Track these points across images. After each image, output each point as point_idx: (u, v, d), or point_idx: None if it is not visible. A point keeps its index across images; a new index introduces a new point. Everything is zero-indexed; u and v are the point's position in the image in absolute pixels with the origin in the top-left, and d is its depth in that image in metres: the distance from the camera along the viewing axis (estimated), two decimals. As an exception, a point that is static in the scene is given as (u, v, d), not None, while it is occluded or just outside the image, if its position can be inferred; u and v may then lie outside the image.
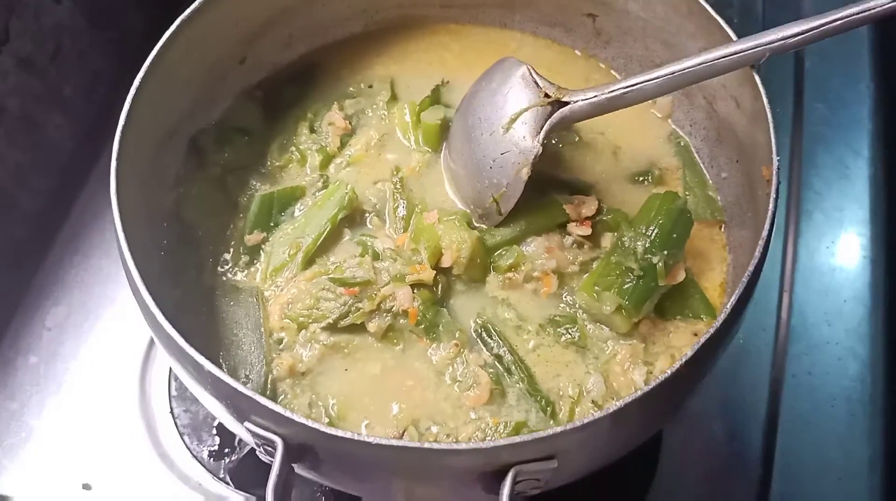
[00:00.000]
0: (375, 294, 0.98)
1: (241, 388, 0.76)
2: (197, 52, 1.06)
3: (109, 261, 1.35)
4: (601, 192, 1.11)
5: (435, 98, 1.18)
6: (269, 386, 0.96)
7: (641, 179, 1.14)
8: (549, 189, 1.08)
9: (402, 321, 0.98)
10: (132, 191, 0.94)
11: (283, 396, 0.96)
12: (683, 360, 0.77)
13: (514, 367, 0.97)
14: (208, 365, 0.77)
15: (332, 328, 0.99)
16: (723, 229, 1.11)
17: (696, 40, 1.07)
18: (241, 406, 0.78)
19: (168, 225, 1.06)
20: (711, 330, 0.79)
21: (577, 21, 1.22)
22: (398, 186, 1.09)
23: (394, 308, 0.98)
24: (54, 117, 1.40)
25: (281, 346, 0.99)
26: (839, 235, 1.38)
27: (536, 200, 1.06)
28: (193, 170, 1.11)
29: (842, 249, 1.36)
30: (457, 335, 0.99)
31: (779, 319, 1.29)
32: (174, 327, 0.81)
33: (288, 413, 0.74)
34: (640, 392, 0.75)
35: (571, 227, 1.04)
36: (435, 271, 1.00)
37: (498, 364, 0.97)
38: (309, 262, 1.04)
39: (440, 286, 1.02)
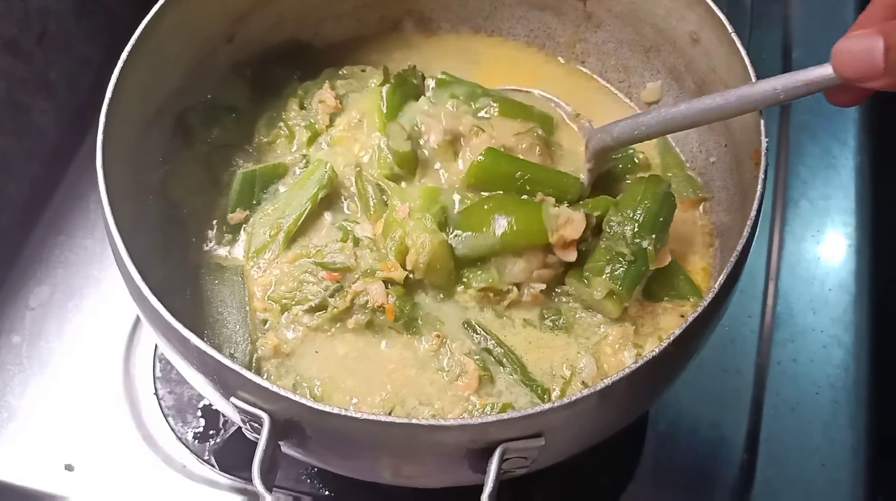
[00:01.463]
0: (348, 289, 0.97)
1: (227, 362, 0.75)
2: (185, 30, 1.05)
3: (94, 241, 1.34)
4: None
5: (401, 81, 1.15)
6: (253, 365, 0.95)
7: (621, 166, 1.14)
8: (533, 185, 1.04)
9: (380, 316, 0.97)
10: (118, 168, 0.93)
11: (267, 376, 0.95)
12: (671, 338, 0.77)
13: (505, 359, 0.96)
14: (194, 340, 0.77)
15: (315, 310, 0.98)
16: (703, 211, 1.12)
17: (686, 23, 1.07)
18: (227, 381, 0.78)
19: (153, 203, 1.05)
20: (699, 309, 0.79)
21: (568, 4, 1.21)
22: (358, 170, 1.06)
23: (368, 303, 0.97)
24: (39, 102, 1.38)
25: (266, 326, 0.98)
26: (825, 224, 1.39)
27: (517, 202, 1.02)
28: (180, 148, 1.10)
29: (827, 238, 1.37)
30: (437, 327, 0.98)
31: (764, 306, 1.30)
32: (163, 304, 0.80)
33: (275, 388, 0.74)
34: (627, 370, 0.75)
35: (556, 250, 0.98)
36: (406, 272, 0.98)
37: (489, 356, 0.97)
38: (290, 242, 1.03)
39: (411, 285, 1.00)
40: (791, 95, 0.82)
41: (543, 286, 1.00)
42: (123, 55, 0.94)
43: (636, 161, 1.14)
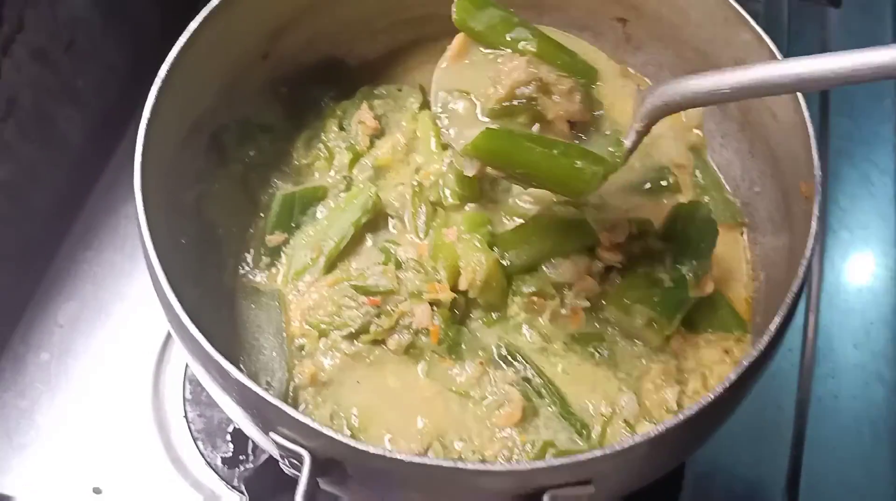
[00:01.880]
0: (393, 310, 0.96)
1: (269, 397, 0.73)
2: (221, 47, 1.03)
3: (123, 257, 1.32)
4: (616, 199, 1.09)
5: None
6: (290, 394, 0.94)
7: (652, 186, 1.12)
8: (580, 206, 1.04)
9: (423, 339, 0.96)
10: (154, 186, 0.91)
11: (304, 405, 0.94)
12: (726, 384, 0.74)
13: (544, 390, 0.94)
14: (235, 372, 0.75)
15: (354, 337, 0.96)
16: (744, 236, 1.10)
17: (731, 48, 1.04)
18: (267, 417, 0.76)
19: (189, 223, 1.03)
20: (755, 354, 0.77)
21: (607, 25, 1.19)
22: (417, 190, 1.06)
23: (413, 325, 0.95)
24: (66, 110, 1.37)
25: (303, 353, 0.97)
26: (865, 253, 1.36)
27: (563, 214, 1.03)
28: (215, 167, 1.08)
29: (868, 268, 1.34)
30: (480, 354, 0.96)
31: (805, 339, 1.27)
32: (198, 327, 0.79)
33: (317, 426, 0.72)
34: (681, 417, 0.72)
35: (601, 252, 0.99)
36: (454, 293, 0.97)
37: (528, 386, 0.95)
38: (331, 266, 1.02)
39: (460, 306, 0.99)
40: None
41: (587, 304, 0.98)
42: (161, 73, 0.93)
43: (666, 183, 1.12)
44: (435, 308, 0.97)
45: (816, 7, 1.61)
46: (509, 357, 0.97)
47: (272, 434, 0.76)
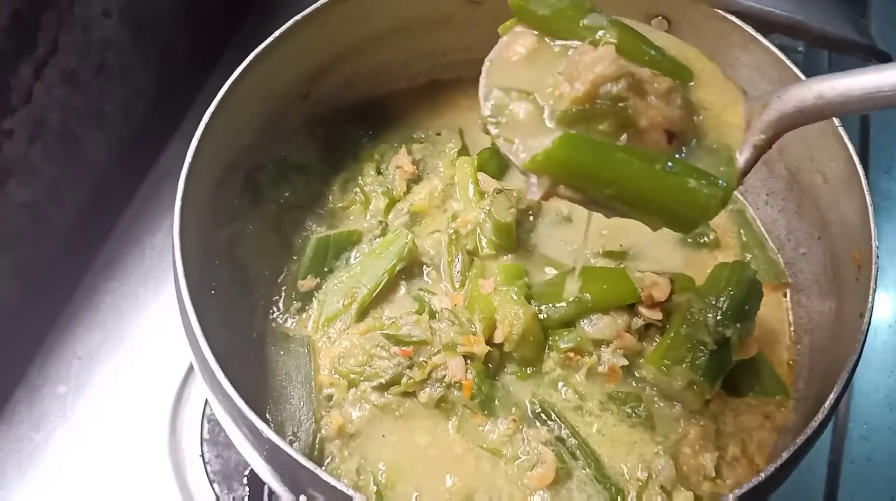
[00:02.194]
0: (426, 362, 0.93)
1: (302, 460, 0.71)
2: (263, 87, 1.02)
3: (146, 289, 1.30)
4: (655, 253, 1.08)
5: (496, 151, 1.13)
6: (316, 446, 0.91)
7: (691, 240, 1.10)
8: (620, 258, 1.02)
9: (455, 393, 0.93)
10: (187, 227, 0.89)
11: (330, 458, 0.91)
12: (776, 466, 0.72)
13: (578, 451, 0.91)
14: (267, 432, 0.72)
15: (384, 388, 0.94)
16: (787, 298, 1.07)
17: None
18: (298, 478, 0.73)
19: (220, 264, 1.02)
20: (804, 437, 0.74)
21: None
22: (454, 238, 1.04)
23: (445, 378, 0.93)
24: (92, 133, 1.36)
25: (330, 403, 0.94)
26: (904, 314, 1.33)
27: (604, 267, 1.02)
28: (249, 206, 1.07)
29: (906, 328, 1.31)
30: (513, 411, 0.93)
31: (848, 376, 1.24)
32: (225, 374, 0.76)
33: (350, 492, 0.69)
34: (731, 497, 0.69)
35: (641, 309, 0.96)
36: (489, 347, 0.95)
37: (561, 446, 0.92)
38: (363, 313, 1.00)
39: (494, 360, 0.96)
40: None
41: (625, 362, 0.95)
42: (205, 117, 0.91)
43: (706, 240, 1.09)
44: (469, 361, 0.94)
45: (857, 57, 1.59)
46: (543, 415, 0.94)
47: (302, 497, 0.73)
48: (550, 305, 0.97)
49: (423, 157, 1.12)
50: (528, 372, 0.97)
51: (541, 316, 0.96)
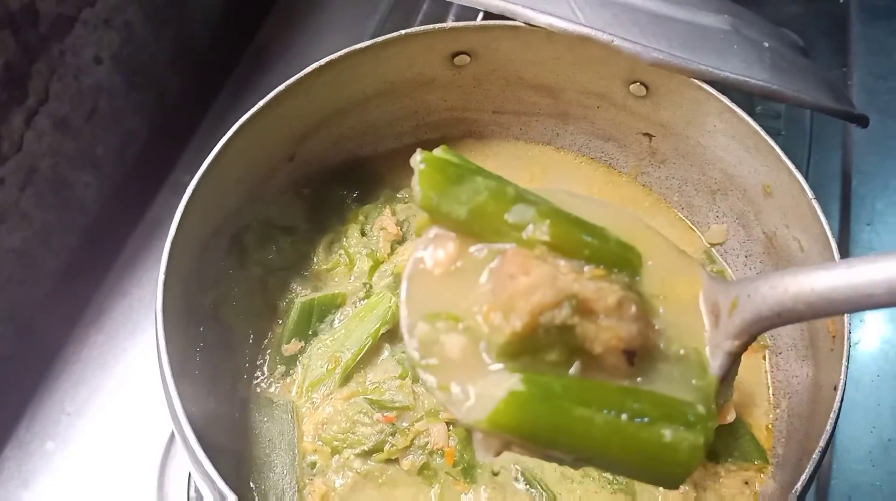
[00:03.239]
0: (409, 429, 0.94)
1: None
2: (249, 153, 1.03)
3: (133, 343, 1.31)
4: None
5: None
6: (299, 514, 0.92)
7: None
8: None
9: (437, 459, 0.94)
10: (172, 291, 0.90)
11: (313, 526, 0.92)
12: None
13: None
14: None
15: (367, 455, 0.95)
16: (766, 361, 1.08)
17: (759, 175, 1.04)
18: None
19: (205, 328, 1.03)
20: (781, 510, 0.75)
21: (633, 139, 1.19)
22: None
23: (428, 445, 0.94)
24: (84, 176, 1.38)
25: (314, 470, 0.95)
26: (884, 369, 1.34)
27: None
28: (235, 269, 1.08)
29: (886, 383, 1.32)
30: (497, 479, 0.95)
31: (821, 455, 1.24)
32: (205, 442, 0.78)
33: (329, 572, 0.70)
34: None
35: None
36: None
37: None
38: (347, 378, 1.01)
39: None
40: None
41: None
42: (191, 186, 0.93)
43: None
44: (451, 428, 0.95)
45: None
46: (527, 482, 0.95)
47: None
48: None
49: (407, 217, 1.14)
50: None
51: None
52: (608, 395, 0.56)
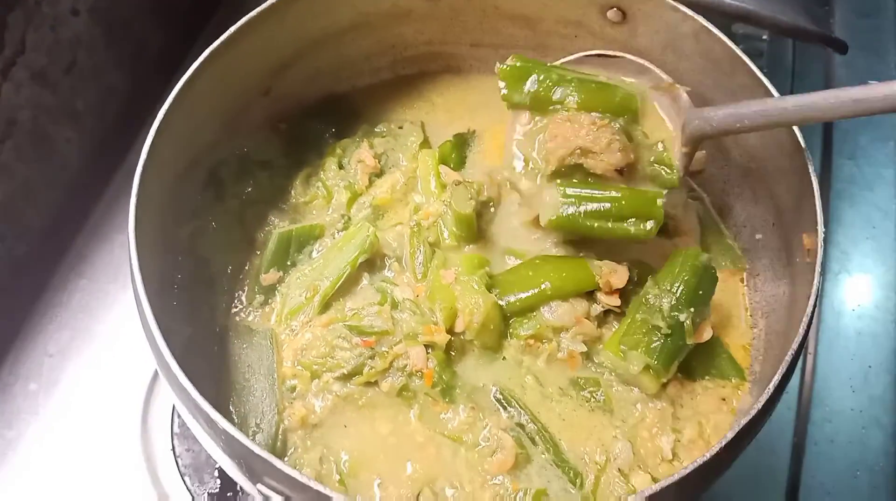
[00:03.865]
0: (387, 351, 0.95)
1: (256, 449, 0.72)
2: (222, 83, 1.03)
3: (116, 287, 1.31)
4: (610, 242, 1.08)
5: (458, 143, 1.15)
6: (279, 437, 0.92)
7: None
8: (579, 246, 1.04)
9: (416, 381, 0.95)
10: (149, 222, 0.91)
11: (293, 449, 0.92)
12: (723, 443, 0.73)
13: (537, 437, 0.93)
14: (223, 422, 0.74)
15: (346, 378, 0.95)
16: (744, 283, 1.09)
17: (735, 98, 1.03)
18: (254, 467, 0.74)
19: (183, 259, 1.03)
20: (753, 412, 0.76)
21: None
22: (416, 231, 1.05)
23: (407, 367, 0.94)
24: (65, 131, 1.37)
25: (293, 394, 0.95)
26: (866, 297, 1.34)
27: (564, 255, 1.04)
28: (211, 202, 1.08)
29: (868, 312, 1.33)
30: (474, 398, 0.95)
31: (802, 382, 1.26)
32: (184, 369, 0.77)
33: (305, 479, 0.71)
34: (677, 476, 0.71)
35: (600, 296, 0.99)
36: (450, 335, 0.97)
37: (521, 431, 0.94)
38: (326, 306, 1.01)
39: (455, 348, 0.98)
40: None
41: (584, 348, 0.98)
42: (161, 112, 0.92)
43: (665, 227, 1.11)
44: (430, 350, 0.96)
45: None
46: (504, 402, 0.96)
47: (259, 486, 0.74)
48: (511, 294, 0.99)
49: (384, 151, 1.13)
50: (489, 360, 0.98)
51: (501, 303, 0.98)
52: (604, 205, 0.96)
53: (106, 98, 1.44)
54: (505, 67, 1.00)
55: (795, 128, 0.94)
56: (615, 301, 0.99)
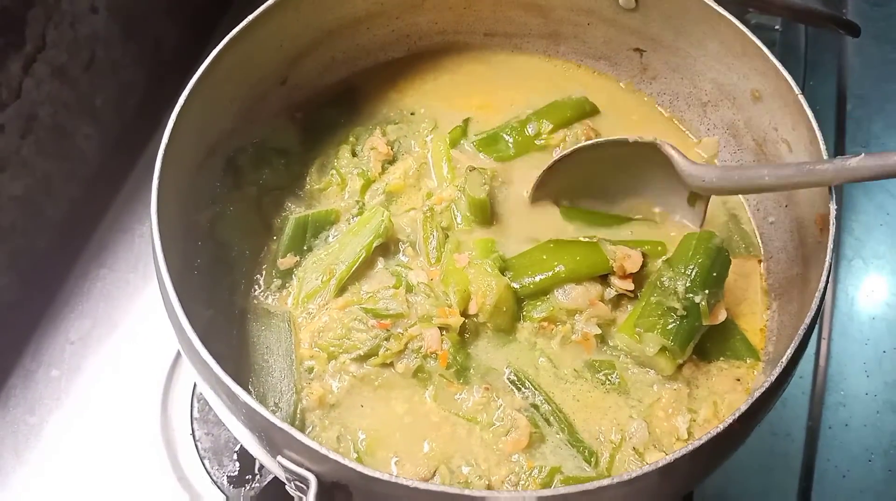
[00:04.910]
0: (402, 334, 0.96)
1: (277, 421, 0.73)
2: (240, 72, 1.05)
3: (136, 275, 1.33)
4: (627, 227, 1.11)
5: (467, 128, 1.17)
6: (298, 416, 0.93)
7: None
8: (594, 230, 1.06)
9: (431, 362, 0.96)
10: (169, 208, 0.92)
11: (311, 427, 0.94)
12: (736, 415, 0.74)
13: (552, 417, 0.94)
14: (244, 395, 0.75)
15: (363, 359, 0.97)
16: (762, 267, 1.09)
17: (748, 81, 1.05)
18: (275, 440, 0.76)
19: (203, 244, 1.04)
20: (765, 385, 0.76)
21: (624, 55, 1.20)
22: (429, 216, 1.06)
23: (422, 349, 0.95)
24: (83, 127, 1.39)
25: (311, 375, 0.97)
26: (879, 283, 1.35)
27: (577, 239, 1.05)
28: (230, 189, 1.09)
29: (881, 297, 1.33)
30: (488, 379, 0.96)
31: (816, 367, 1.26)
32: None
33: (324, 450, 0.72)
34: (690, 447, 0.72)
35: (614, 280, 1.00)
36: (464, 318, 0.98)
37: (536, 413, 0.94)
38: (342, 289, 1.02)
39: (469, 330, 0.99)
40: None
41: (598, 330, 0.98)
42: (181, 99, 0.94)
43: None
44: (444, 333, 0.97)
45: (833, 34, 1.61)
46: (518, 383, 0.97)
47: (279, 458, 0.76)
48: (525, 277, 1.00)
49: (397, 137, 1.14)
50: (503, 342, 0.99)
51: (515, 286, 0.99)
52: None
53: (124, 94, 1.46)
54: None
55: (807, 108, 0.94)
56: (629, 285, 1.00)
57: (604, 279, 1.01)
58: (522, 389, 0.96)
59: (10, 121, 1.22)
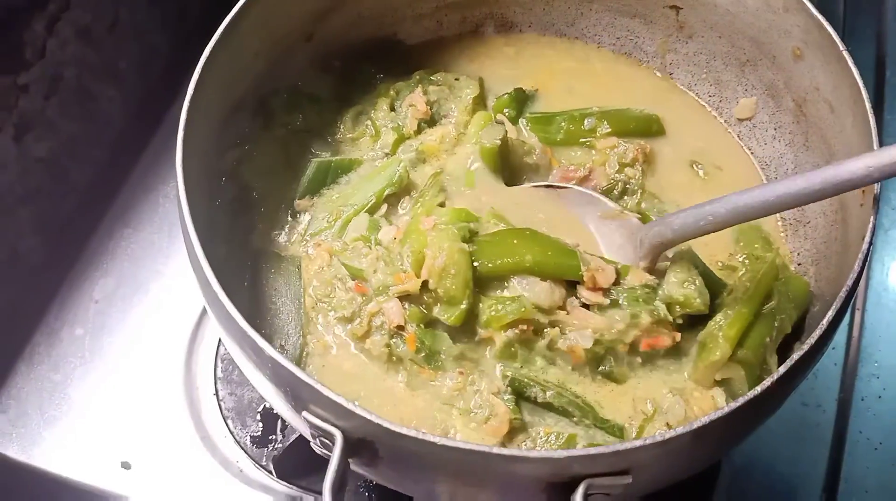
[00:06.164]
0: (363, 312, 0.91)
1: (303, 376, 0.72)
2: (264, 28, 1.02)
3: (161, 236, 1.33)
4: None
5: (516, 98, 1.14)
6: (303, 360, 0.92)
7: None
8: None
9: (401, 347, 0.90)
10: (196, 147, 0.90)
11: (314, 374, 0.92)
12: (775, 377, 0.72)
13: (572, 407, 0.88)
14: (270, 350, 0.74)
15: (346, 321, 0.93)
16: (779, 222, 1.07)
17: (789, 38, 1.01)
18: (301, 395, 0.74)
19: (226, 183, 1.03)
20: (805, 347, 0.74)
21: (660, 13, 1.16)
22: (438, 173, 1.04)
23: (384, 325, 0.90)
24: (108, 90, 1.38)
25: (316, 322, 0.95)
26: (918, 253, 1.31)
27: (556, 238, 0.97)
28: (260, 129, 1.07)
29: (920, 270, 1.30)
30: (463, 364, 0.91)
31: (849, 338, 1.24)
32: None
33: (351, 406, 0.70)
34: (727, 409, 0.70)
35: (582, 290, 0.92)
36: (421, 281, 0.90)
37: (551, 412, 0.89)
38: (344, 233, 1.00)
39: (429, 303, 0.91)
40: (886, 175, 0.77)
41: (589, 344, 0.90)
42: (204, 56, 0.92)
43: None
44: (406, 305, 0.91)
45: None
46: (520, 388, 0.90)
47: (305, 414, 0.75)
48: (489, 254, 0.92)
49: (438, 99, 1.11)
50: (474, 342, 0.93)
51: (472, 256, 0.91)
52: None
53: (147, 58, 1.45)
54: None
55: (852, 64, 0.91)
56: (599, 299, 0.91)
57: (571, 286, 0.93)
58: (528, 391, 0.89)
59: (35, 81, 1.22)
